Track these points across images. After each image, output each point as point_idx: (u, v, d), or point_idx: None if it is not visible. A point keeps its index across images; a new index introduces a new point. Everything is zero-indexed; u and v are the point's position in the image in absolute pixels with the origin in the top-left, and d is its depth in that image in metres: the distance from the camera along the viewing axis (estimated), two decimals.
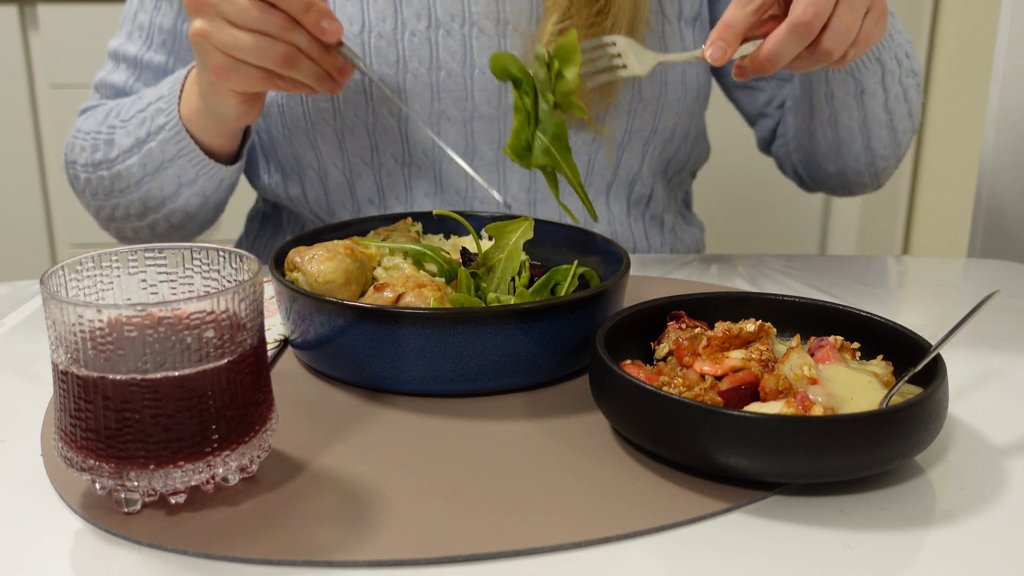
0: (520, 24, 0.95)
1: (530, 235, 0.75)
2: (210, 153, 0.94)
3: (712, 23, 1.06)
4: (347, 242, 0.76)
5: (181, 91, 0.92)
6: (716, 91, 1.14)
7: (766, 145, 1.15)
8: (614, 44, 0.77)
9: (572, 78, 0.72)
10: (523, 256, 0.79)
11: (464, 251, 0.78)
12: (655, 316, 0.70)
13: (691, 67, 1.00)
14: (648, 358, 0.69)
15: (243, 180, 1.12)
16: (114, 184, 0.98)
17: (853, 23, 0.75)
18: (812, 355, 0.64)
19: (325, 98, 0.96)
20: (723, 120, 1.32)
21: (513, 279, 0.74)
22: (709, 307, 0.71)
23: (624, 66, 0.76)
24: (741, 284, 0.94)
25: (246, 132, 0.97)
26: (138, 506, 0.54)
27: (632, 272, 0.95)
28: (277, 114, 0.99)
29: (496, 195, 0.82)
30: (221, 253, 0.58)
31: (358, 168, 1.00)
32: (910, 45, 1.00)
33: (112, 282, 0.58)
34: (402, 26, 0.94)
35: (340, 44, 0.79)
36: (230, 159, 0.97)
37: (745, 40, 0.76)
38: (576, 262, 0.76)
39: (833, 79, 0.96)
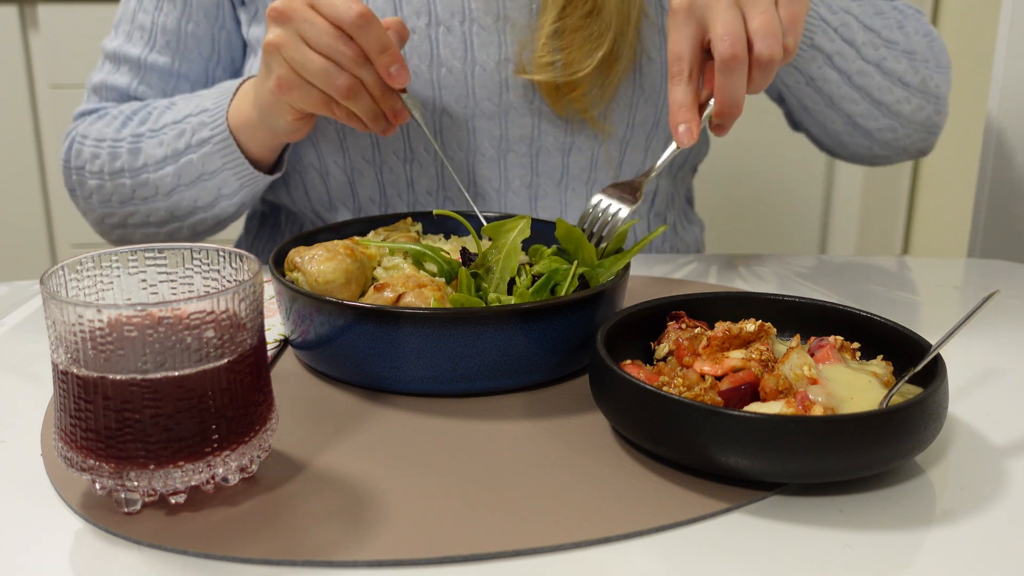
0: (519, 20, 0.95)
1: (527, 233, 0.75)
2: (254, 161, 0.95)
3: None
4: (347, 242, 0.76)
5: (230, 103, 0.92)
6: None
7: (793, 126, 1.13)
8: (600, 200, 0.80)
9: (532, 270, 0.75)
10: (523, 256, 0.79)
11: (464, 251, 0.78)
12: (655, 316, 0.70)
13: None
14: (648, 358, 0.69)
15: None
16: (136, 192, 0.97)
17: (770, 19, 0.75)
18: (812, 355, 0.64)
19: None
20: None
21: (513, 280, 0.74)
22: (709, 307, 0.71)
23: (620, 208, 0.79)
24: (741, 284, 0.94)
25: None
26: (138, 506, 0.54)
27: (632, 272, 0.95)
28: None
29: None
30: (221, 253, 0.58)
31: (360, 166, 1.00)
32: (880, 17, 0.98)
33: (112, 282, 0.58)
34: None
35: (403, 91, 0.82)
36: (270, 168, 0.97)
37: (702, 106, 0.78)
38: (576, 262, 0.76)
39: (781, 72, 0.97)
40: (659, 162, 0.80)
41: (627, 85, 0.98)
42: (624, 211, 0.78)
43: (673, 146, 0.78)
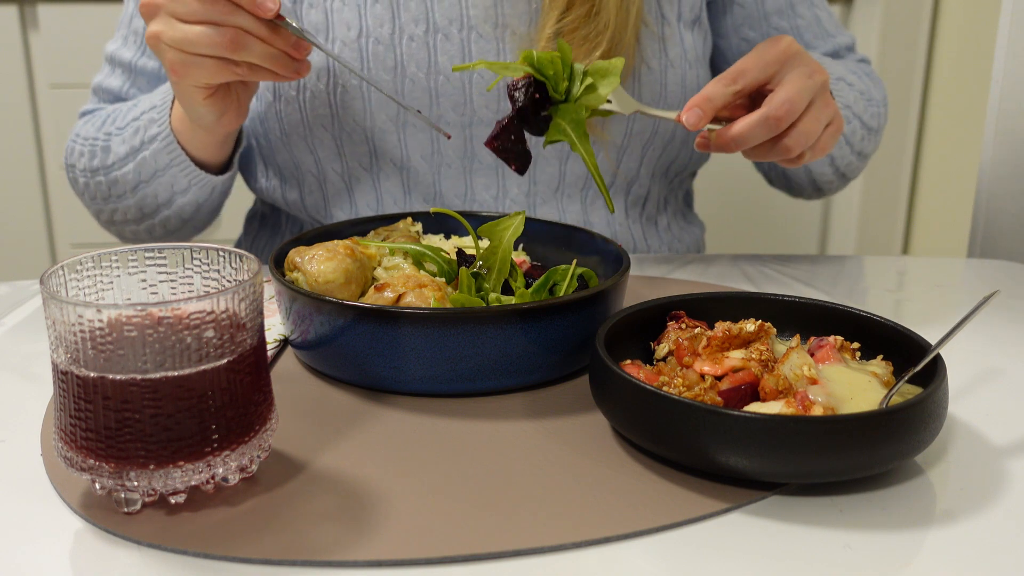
0: (518, 28, 0.95)
1: (520, 230, 0.74)
2: (201, 163, 0.95)
3: (716, 30, 1.07)
4: (347, 242, 0.76)
5: (173, 101, 0.92)
6: None
7: (755, 165, 1.18)
8: None
9: (603, 94, 0.74)
10: (522, 256, 0.79)
11: (460, 252, 0.78)
12: (655, 316, 0.70)
13: (691, 70, 1.01)
14: (648, 358, 0.69)
15: (241, 181, 1.12)
16: (111, 190, 0.99)
17: (815, 130, 0.81)
18: (812, 355, 0.64)
19: (323, 103, 0.96)
20: None
21: (507, 282, 0.74)
22: (709, 307, 0.71)
23: (611, 101, 0.79)
24: (741, 284, 0.94)
25: (238, 140, 0.97)
26: (138, 506, 0.54)
27: (632, 272, 0.95)
28: (275, 119, 0.99)
29: (442, 132, 0.82)
30: (221, 253, 0.58)
31: (356, 173, 1.00)
32: (868, 104, 1.03)
33: (112, 282, 0.58)
34: (400, 31, 0.94)
35: (280, 19, 0.79)
36: (221, 168, 0.97)
37: (714, 119, 0.81)
38: (575, 262, 0.76)
39: None
40: (655, 112, 0.81)
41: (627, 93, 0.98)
42: (608, 106, 0.78)
43: (674, 114, 0.79)
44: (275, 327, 0.78)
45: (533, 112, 0.74)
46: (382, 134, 0.97)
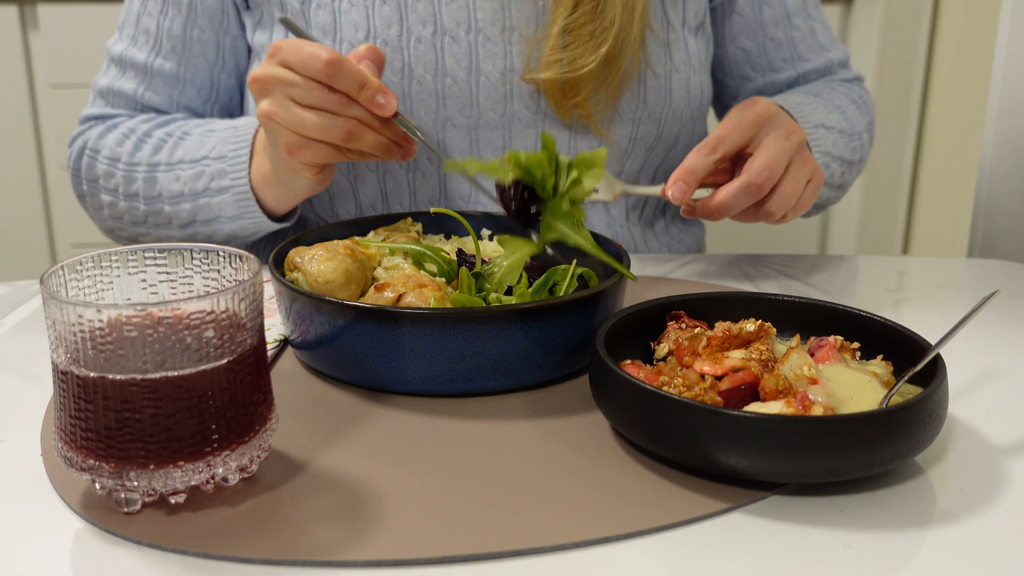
0: (525, 30, 0.95)
1: (533, 254, 0.76)
2: (269, 213, 0.95)
3: (714, 37, 1.07)
4: (347, 242, 0.76)
5: (251, 158, 0.92)
6: (719, 95, 1.14)
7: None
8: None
9: (588, 188, 0.76)
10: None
11: (460, 252, 0.78)
12: (655, 316, 0.70)
13: (695, 75, 1.01)
14: (648, 358, 0.69)
15: None
16: (148, 218, 0.97)
17: (796, 190, 0.86)
18: (812, 355, 0.64)
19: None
20: None
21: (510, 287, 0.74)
22: (709, 307, 0.71)
23: (597, 191, 0.84)
24: (741, 284, 0.94)
25: None
26: (138, 506, 0.54)
27: (632, 272, 0.95)
28: None
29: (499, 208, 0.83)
30: (221, 253, 0.58)
31: (362, 173, 1.00)
32: (848, 140, 1.05)
33: (112, 282, 0.58)
34: (407, 33, 0.94)
35: (396, 116, 0.82)
36: (286, 215, 0.97)
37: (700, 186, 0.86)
38: (575, 262, 0.76)
39: None
40: (639, 190, 0.88)
41: (631, 99, 0.98)
42: (595, 197, 0.83)
43: (658, 188, 0.86)
44: (275, 327, 0.78)
45: (524, 211, 0.77)
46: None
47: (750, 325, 0.65)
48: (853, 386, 0.60)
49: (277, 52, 0.79)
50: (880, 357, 0.66)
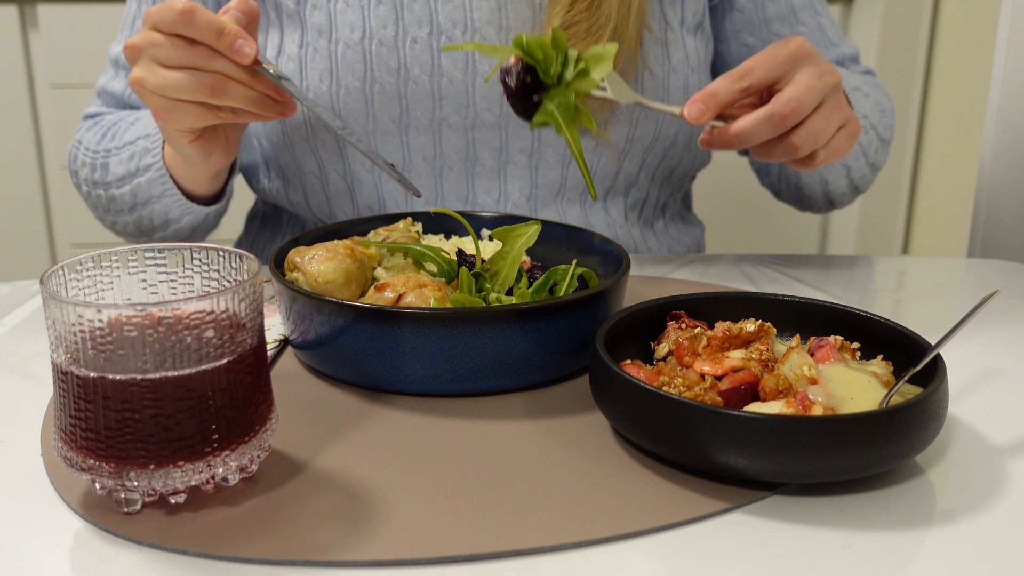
0: (523, 31, 0.95)
1: (533, 241, 0.75)
2: (193, 195, 0.95)
3: (716, 35, 1.06)
4: (347, 242, 0.76)
5: None
6: None
7: (759, 178, 1.18)
8: None
9: (595, 78, 0.74)
10: (523, 256, 0.79)
11: (460, 252, 0.78)
12: (655, 316, 0.70)
13: (693, 75, 1.01)
14: (648, 358, 0.69)
15: (243, 181, 1.12)
16: (110, 205, 0.99)
17: (825, 130, 0.79)
18: (812, 355, 0.64)
19: (324, 105, 0.95)
20: None
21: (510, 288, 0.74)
22: (709, 307, 0.71)
23: (605, 88, 0.78)
24: (741, 284, 0.94)
25: (232, 171, 0.97)
26: (138, 506, 0.54)
27: (632, 272, 0.95)
28: (277, 121, 0.99)
29: (416, 191, 0.81)
30: (221, 253, 0.58)
31: (359, 175, 1.00)
32: (882, 116, 1.03)
33: (112, 282, 0.58)
34: (403, 33, 0.94)
35: (258, 64, 0.78)
36: (213, 198, 0.97)
37: (719, 117, 0.80)
38: (575, 262, 0.76)
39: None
40: (655, 105, 0.80)
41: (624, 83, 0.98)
42: (604, 94, 0.78)
43: (677, 108, 0.78)
44: (275, 327, 0.78)
45: (525, 96, 0.74)
46: (384, 135, 0.97)
47: (750, 325, 0.65)
48: (853, 386, 0.60)
49: (148, 18, 0.77)
50: (880, 357, 0.66)
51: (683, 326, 0.69)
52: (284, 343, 0.77)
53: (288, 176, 1.03)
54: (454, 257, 0.78)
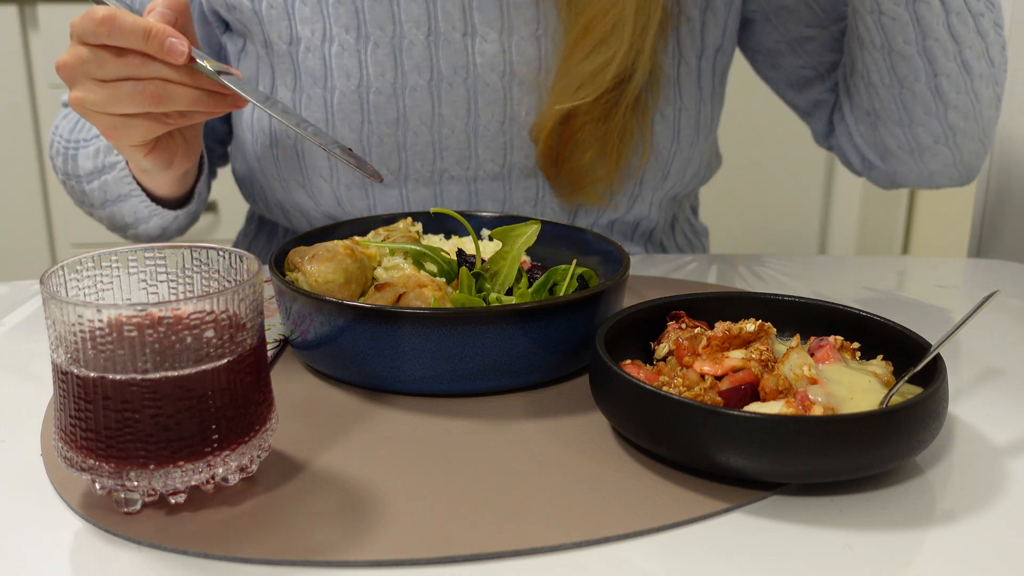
0: (526, 77, 0.91)
1: (533, 240, 0.75)
2: (160, 197, 0.92)
3: (748, 52, 1.02)
4: (347, 242, 0.76)
5: None
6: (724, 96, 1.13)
7: (824, 137, 1.05)
8: None
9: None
10: (523, 256, 0.79)
11: (460, 252, 0.78)
12: (655, 316, 0.70)
13: (705, 106, 0.97)
14: (648, 358, 0.69)
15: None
16: (84, 198, 0.97)
17: None
18: (812, 355, 0.64)
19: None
20: (724, 120, 1.32)
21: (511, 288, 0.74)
22: (709, 307, 0.71)
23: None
24: (741, 284, 0.94)
25: (200, 168, 0.95)
26: (138, 506, 0.54)
27: (632, 272, 0.95)
28: (271, 162, 0.96)
29: (377, 176, 0.77)
30: (221, 253, 0.58)
31: (352, 188, 0.97)
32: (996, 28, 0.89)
33: (112, 282, 0.58)
34: (402, 80, 0.90)
35: (193, 61, 0.74)
36: (183, 199, 0.95)
37: None
38: (575, 262, 0.76)
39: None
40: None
41: (637, 153, 0.94)
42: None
43: None
44: (275, 327, 0.78)
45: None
46: (381, 188, 0.94)
47: (750, 325, 0.65)
48: (853, 386, 0.60)
49: (72, 31, 0.73)
50: (880, 357, 0.66)
51: (683, 326, 0.69)
52: (284, 343, 0.77)
53: (287, 210, 1.01)
54: (454, 257, 0.78)
